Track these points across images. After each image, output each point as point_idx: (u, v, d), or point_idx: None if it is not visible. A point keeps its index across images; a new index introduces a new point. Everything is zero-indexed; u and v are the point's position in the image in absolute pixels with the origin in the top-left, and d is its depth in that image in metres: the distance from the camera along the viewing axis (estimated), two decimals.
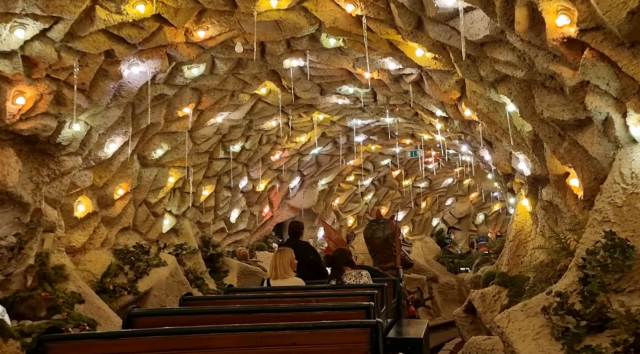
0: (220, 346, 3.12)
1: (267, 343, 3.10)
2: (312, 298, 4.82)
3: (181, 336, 3.22)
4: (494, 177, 9.73)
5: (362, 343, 3.08)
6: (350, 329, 3.19)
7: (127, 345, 3.16)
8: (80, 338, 3.70)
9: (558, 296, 4.47)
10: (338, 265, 6.32)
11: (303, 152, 13.10)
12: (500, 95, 6.13)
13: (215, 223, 12.42)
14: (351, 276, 6.20)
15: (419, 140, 12.99)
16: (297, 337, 3.11)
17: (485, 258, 9.59)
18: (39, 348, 3.06)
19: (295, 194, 14.42)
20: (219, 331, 3.25)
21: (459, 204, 19.55)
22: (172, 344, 3.15)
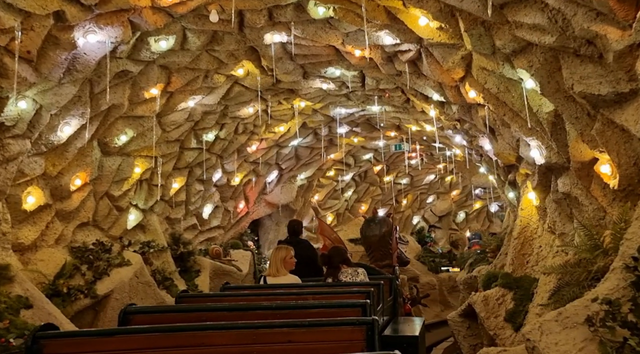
0: (217, 344, 3.07)
1: (263, 341, 3.06)
2: (309, 296, 4.77)
3: (177, 333, 3.17)
4: (488, 170, 8.88)
5: (358, 341, 3.03)
6: (347, 326, 3.14)
7: (123, 342, 3.10)
8: (76, 335, 3.60)
9: (607, 303, 3.61)
10: (334, 263, 6.27)
11: (282, 143, 12.10)
12: (518, 69, 5.24)
13: (187, 219, 11.34)
14: (347, 274, 6.15)
15: (406, 133, 12.11)
16: (293, 334, 3.08)
17: (480, 257, 8.74)
18: (34, 345, 3.00)
19: (272, 189, 13.42)
20: (215, 328, 3.21)
21: (440, 202, 18.79)
22: (168, 341, 3.10)
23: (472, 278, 8.69)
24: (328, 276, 6.28)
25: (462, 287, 9.20)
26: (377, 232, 9.44)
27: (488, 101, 6.25)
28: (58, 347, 3.07)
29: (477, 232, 9.70)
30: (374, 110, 10.37)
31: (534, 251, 6.87)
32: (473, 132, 7.83)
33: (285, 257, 6.09)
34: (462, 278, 9.19)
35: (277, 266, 6.02)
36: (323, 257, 6.65)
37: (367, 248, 9.71)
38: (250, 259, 12.45)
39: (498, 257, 8.09)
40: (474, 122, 7.46)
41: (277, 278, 5.97)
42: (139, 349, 3.07)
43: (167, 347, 3.11)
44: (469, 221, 19.91)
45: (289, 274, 6.06)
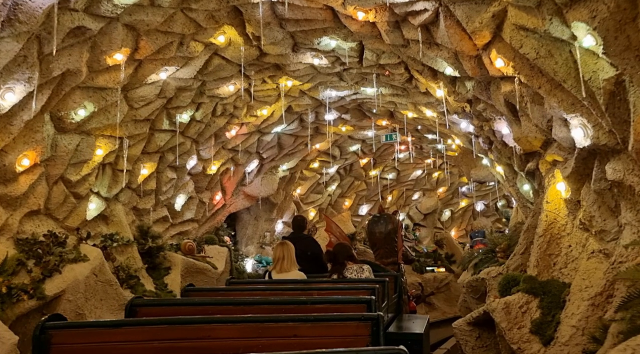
0: (222, 337, 3.05)
1: (269, 334, 3.04)
2: (314, 291, 4.75)
3: (183, 326, 3.14)
4: (498, 160, 7.79)
5: (362, 336, 3.00)
6: (352, 322, 3.13)
7: (130, 334, 3.09)
8: (84, 326, 3.55)
9: None
10: (340, 259, 6.24)
11: (264, 130, 10.86)
12: (573, 24, 4.13)
13: (157, 210, 10.02)
14: (353, 271, 6.13)
15: (399, 121, 10.99)
16: (298, 329, 3.06)
17: (488, 257, 7.66)
18: (42, 334, 3.00)
19: (252, 180, 12.16)
20: (220, 321, 3.20)
21: (426, 199, 17.76)
22: (174, 333, 3.08)
23: (478, 281, 7.60)
24: (333, 272, 6.23)
25: (466, 290, 8.11)
26: (383, 229, 9.32)
27: (519, 71, 5.13)
28: (66, 337, 3.06)
29: (480, 230, 8.67)
30: (369, 93, 9.20)
31: (562, 252, 5.80)
32: (488, 114, 6.72)
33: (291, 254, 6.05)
34: (465, 280, 8.10)
35: (282, 262, 5.98)
36: (328, 254, 6.56)
37: (372, 245, 9.58)
38: (226, 256, 11.19)
39: (512, 258, 7.00)
40: (491, 102, 6.35)
41: (282, 273, 5.93)
42: (146, 341, 3.05)
43: (173, 339, 3.07)
44: (454, 220, 18.95)
45: (294, 269, 6.00)
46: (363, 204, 16.31)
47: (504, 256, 7.31)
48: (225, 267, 11.13)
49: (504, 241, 7.55)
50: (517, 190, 7.85)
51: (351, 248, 6.77)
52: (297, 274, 5.94)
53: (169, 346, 3.05)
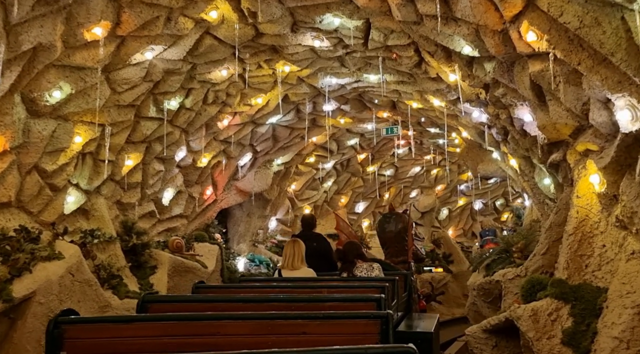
0: (232, 333, 3.05)
1: (278, 332, 3.02)
2: (324, 289, 4.73)
3: (193, 322, 3.14)
4: (513, 153, 7.12)
5: (372, 334, 2.98)
6: (361, 320, 3.11)
7: (141, 329, 3.11)
8: (96, 321, 3.50)
9: None
10: (350, 258, 6.19)
11: (258, 120, 10.12)
12: None
13: (143, 205, 9.26)
14: (362, 269, 6.08)
15: (402, 112, 10.30)
16: (307, 326, 3.03)
17: (502, 258, 6.98)
18: (55, 329, 3.03)
19: (245, 174, 11.42)
20: (230, 318, 3.19)
21: (424, 197, 17.09)
22: (185, 329, 3.08)
23: (491, 283, 6.92)
24: (343, 270, 6.19)
25: (477, 293, 7.42)
26: (393, 228, 9.32)
27: (555, 45, 4.44)
28: (78, 332, 3.08)
29: (490, 228, 8.00)
30: (372, 80, 8.49)
31: (594, 252, 5.12)
32: (507, 99, 6.03)
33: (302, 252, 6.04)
34: (475, 282, 7.41)
35: (292, 259, 5.97)
36: (338, 252, 6.55)
37: (382, 244, 9.60)
38: (217, 254, 10.44)
39: (531, 259, 6.32)
40: (513, 86, 5.66)
41: (292, 271, 5.91)
42: (156, 336, 3.06)
43: (184, 335, 3.07)
44: (452, 219, 18.32)
45: (303, 267, 5.97)
46: (359, 202, 15.61)
47: (521, 256, 6.64)
48: (216, 266, 10.39)
49: (520, 240, 6.88)
50: (533, 185, 7.18)
51: (361, 246, 6.77)
52: (307, 271, 5.94)
53: (179, 341, 3.04)
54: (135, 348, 3.01)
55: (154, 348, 3.02)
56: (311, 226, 7.76)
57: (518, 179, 8.09)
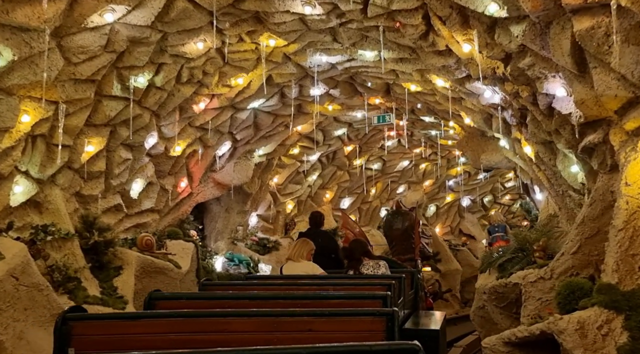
0: (238, 330, 3.06)
1: (284, 329, 3.02)
2: (330, 287, 4.78)
3: (200, 319, 3.17)
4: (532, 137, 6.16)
5: (377, 331, 2.96)
6: (367, 317, 3.09)
7: (148, 326, 3.14)
8: (104, 318, 3.62)
9: None
10: (356, 255, 6.13)
11: (238, 104, 9.01)
12: None
13: (107, 197, 8.09)
14: (369, 267, 6.03)
15: (397, 98, 9.30)
16: (313, 323, 3.03)
17: (517, 257, 6.02)
18: (63, 326, 3.04)
19: (223, 165, 10.30)
20: (236, 315, 3.22)
21: (411, 193, 16.15)
22: (191, 326, 3.10)
23: (507, 286, 5.95)
24: (350, 268, 6.15)
25: (487, 297, 6.44)
26: (400, 225, 9.31)
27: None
28: (86, 329, 3.08)
29: (500, 224, 7.06)
30: (367, 57, 7.45)
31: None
32: (536, 71, 5.04)
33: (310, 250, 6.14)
34: (486, 284, 6.43)
35: (298, 253, 6.06)
36: (345, 250, 6.55)
37: (389, 242, 9.73)
38: (192, 253, 9.32)
39: (558, 259, 5.35)
40: (546, 53, 4.68)
41: (296, 263, 5.99)
42: (163, 333, 3.04)
43: (190, 332, 3.05)
44: (439, 216, 17.43)
45: (307, 261, 6.04)
46: (345, 197, 14.60)
47: (543, 256, 5.68)
48: (191, 266, 9.26)
49: (538, 236, 5.92)
50: (551, 175, 6.25)
51: (367, 244, 6.70)
52: (311, 265, 5.96)
53: (185, 338, 3.03)
54: (142, 344, 2.97)
55: (161, 344, 2.98)
56: (319, 224, 7.79)
57: (530, 169, 7.16)
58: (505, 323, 6.24)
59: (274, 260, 12.04)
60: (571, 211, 6.09)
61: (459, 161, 15.04)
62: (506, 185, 17.48)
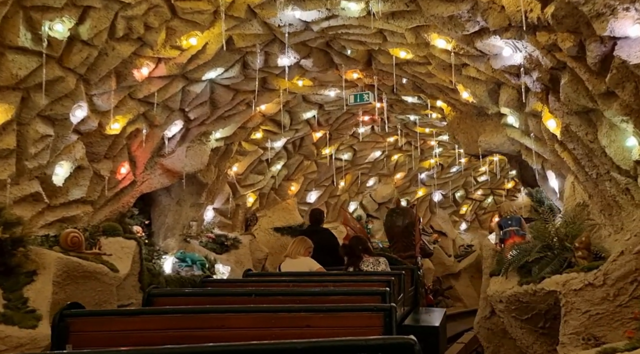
0: (236, 326, 3.03)
1: (282, 325, 3.00)
2: (330, 284, 4.79)
3: (198, 315, 3.15)
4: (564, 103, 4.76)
5: (375, 327, 2.95)
6: (364, 313, 3.08)
7: (146, 322, 3.09)
8: (101, 315, 3.54)
9: None
10: (356, 252, 6.11)
11: (191, 74, 7.32)
12: None
13: (20, 184, 6.28)
14: (369, 263, 6.00)
15: (380, 71, 7.82)
16: (311, 319, 3.01)
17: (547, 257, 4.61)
18: (60, 322, 3.00)
19: (173, 149, 8.57)
20: (235, 311, 3.20)
21: (381, 186, 14.76)
22: (190, 323, 3.07)
23: (536, 294, 4.53)
24: (349, 265, 6.10)
25: (505, 307, 5.01)
26: (400, 223, 9.28)
27: None
28: (84, 325, 3.04)
29: (513, 216, 5.64)
30: (352, 10, 5.91)
31: None
32: (597, 5, 3.62)
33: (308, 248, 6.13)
34: (504, 291, 4.99)
35: (296, 250, 6.03)
36: (345, 247, 6.49)
37: (390, 239, 9.77)
38: (134, 253, 7.62)
39: (614, 260, 3.98)
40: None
41: (293, 260, 5.95)
42: (161, 330, 3.02)
43: (188, 328, 3.02)
44: None
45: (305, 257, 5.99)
46: (312, 190, 13.04)
47: (587, 255, 4.32)
48: (132, 268, 7.57)
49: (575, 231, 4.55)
50: (584, 154, 4.88)
51: (367, 241, 6.70)
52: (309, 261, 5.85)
53: (184, 334, 2.96)
54: (141, 340, 2.89)
55: (159, 340, 2.88)
56: (319, 221, 7.76)
57: (547, 151, 5.80)
58: (527, 340, 4.85)
59: (233, 260, 10.42)
60: (611, 198, 4.75)
61: (434, 152, 13.77)
62: (479, 179, 16.34)
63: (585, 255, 4.31)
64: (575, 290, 4.15)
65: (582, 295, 4.12)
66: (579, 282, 4.16)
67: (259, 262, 11.26)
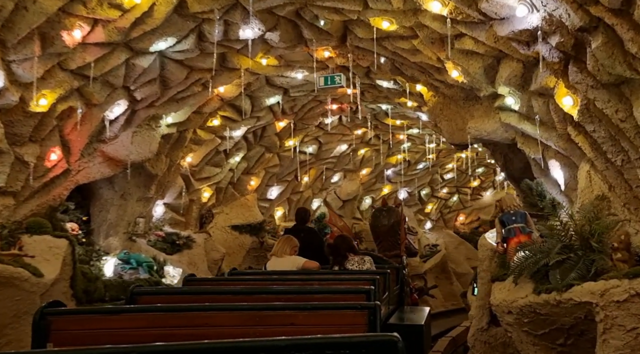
0: (220, 324, 3.00)
1: (266, 323, 2.98)
2: (315, 282, 4.71)
3: (182, 313, 3.11)
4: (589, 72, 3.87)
5: (359, 325, 2.94)
6: (349, 311, 3.06)
7: (130, 321, 3.05)
8: (83, 313, 3.47)
9: None
10: (341, 251, 6.07)
11: (136, 43, 6.11)
12: None
13: None
14: (354, 262, 5.99)
15: (355, 49, 6.83)
16: (295, 317, 3.00)
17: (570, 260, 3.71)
18: (41, 321, 2.92)
19: (117, 133, 7.32)
20: (218, 309, 3.15)
21: (346, 183, 13.78)
22: (173, 321, 3.03)
23: (562, 306, 3.61)
24: (335, 264, 6.06)
25: (516, 319, 4.08)
26: (386, 222, 9.30)
27: None
28: (65, 323, 2.95)
29: (518, 211, 4.73)
30: None
31: None
32: None
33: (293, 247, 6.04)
34: (514, 301, 4.04)
35: (282, 249, 5.96)
36: (330, 246, 6.46)
37: (375, 238, 9.72)
38: (64, 254, 6.41)
39: None
40: None
41: (280, 259, 5.89)
42: (144, 328, 2.97)
43: (172, 326, 2.98)
44: None
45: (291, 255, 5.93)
46: (273, 186, 11.93)
47: (628, 258, 3.44)
48: (63, 272, 6.36)
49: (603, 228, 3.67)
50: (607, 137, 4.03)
51: (352, 240, 6.59)
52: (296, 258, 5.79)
53: (167, 332, 2.91)
54: (123, 339, 2.80)
55: (142, 339, 2.76)
56: (304, 221, 7.72)
57: (553, 135, 4.94)
58: None
59: (186, 261, 9.22)
60: None
61: (403, 147, 12.92)
62: (445, 177, 15.64)
63: (626, 257, 3.44)
64: (618, 302, 3.27)
65: (627, 308, 3.25)
66: (622, 291, 3.29)
67: (214, 264, 10.10)
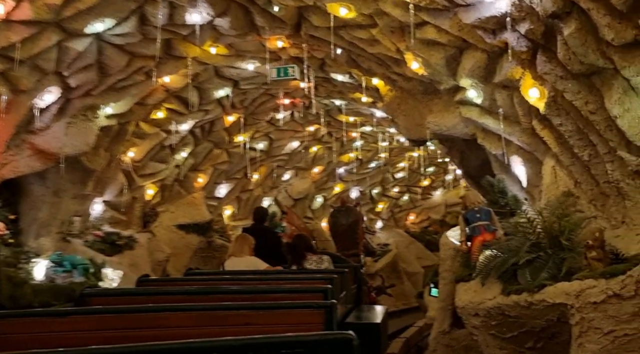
0: (174, 325, 2.93)
1: (221, 323, 2.90)
2: (273, 282, 4.69)
3: (134, 314, 2.99)
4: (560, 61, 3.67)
5: (316, 324, 2.89)
6: (305, 310, 3.00)
7: (79, 323, 2.90)
8: (29, 316, 3.20)
9: None
10: (299, 251, 6.05)
11: (70, 24, 5.51)
12: None
13: None
14: (312, 261, 5.98)
15: (309, 38, 6.46)
16: (251, 317, 2.95)
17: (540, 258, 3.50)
18: None
19: (48, 124, 6.64)
20: (173, 309, 3.08)
21: (298, 181, 13.40)
22: (126, 322, 2.91)
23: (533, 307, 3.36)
24: (293, 263, 6.00)
25: (483, 322, 3.83)
26: (345, 221, 9.09)
27: None
28: (11, 327, 2.84)
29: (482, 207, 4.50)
30: None
31: None
32: None
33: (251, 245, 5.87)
34: (481, 302, 3.79)
35: (240, 248, 5.83)
36: (288, 246, 6.40)
37: (334, 237, 9.50)
38: None
39: None
40: None
41: (239, 259, 5.74)
42: (95, 330, 2.85)
43: (124, 328, 2.86)
44: (326, 208, 14.88)
45: (251, 256, 5.80)
46: (222, 183, 11.40)
47: (602, 256, 3.24)
48: None
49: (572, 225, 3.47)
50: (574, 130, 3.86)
51: (310, 239, 6.66)
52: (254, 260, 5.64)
53: (119, 335, 2.78)
54: (72, 342, 2.69)
55: (92, 342, 2.58)
56: (263, 220, 7.60)
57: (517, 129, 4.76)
58: None
59: (127, 263, 8.59)
60: (606, 185, 3.75)
61: (355, 144, 12.70)
62: (396, 176, 15.56)
63: (601, 256, 3.25)
64: (595, 303, 3.06)
65: (604, 310, 3.04)
66: (599, 292, 3.07)
67: (159, 265, 9.50)
